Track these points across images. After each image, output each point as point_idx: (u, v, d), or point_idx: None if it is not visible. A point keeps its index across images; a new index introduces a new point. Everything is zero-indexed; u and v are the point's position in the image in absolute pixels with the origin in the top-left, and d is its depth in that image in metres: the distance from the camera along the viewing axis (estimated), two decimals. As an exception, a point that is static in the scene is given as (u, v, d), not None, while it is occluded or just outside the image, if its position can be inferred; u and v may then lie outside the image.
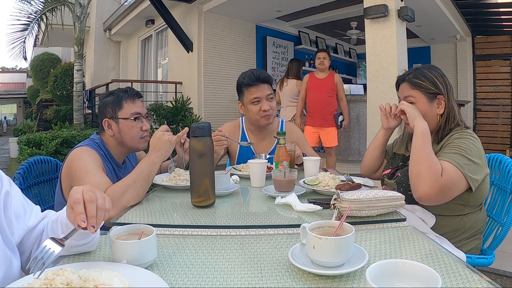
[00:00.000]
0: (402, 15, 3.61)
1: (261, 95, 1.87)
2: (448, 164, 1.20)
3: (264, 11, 6.27)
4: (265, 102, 1.87)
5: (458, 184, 1.20)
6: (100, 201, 0.75)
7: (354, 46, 9.35)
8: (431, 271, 0.57)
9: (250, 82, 1.88)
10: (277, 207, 1.19)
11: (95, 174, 1.29)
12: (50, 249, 0.71)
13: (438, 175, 1.16)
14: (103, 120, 1.50)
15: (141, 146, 1.56)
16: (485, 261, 1.32)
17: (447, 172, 1.18)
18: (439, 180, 1.16)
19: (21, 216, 0.85)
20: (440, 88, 1.35)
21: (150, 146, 1.33)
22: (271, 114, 1.89)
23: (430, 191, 1.16)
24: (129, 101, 1.51)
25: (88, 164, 1.33)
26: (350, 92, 5.25)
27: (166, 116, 5.64)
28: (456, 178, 1.18)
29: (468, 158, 1.21)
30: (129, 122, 1.49)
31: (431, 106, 1.36)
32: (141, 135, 1.53)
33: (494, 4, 5.58)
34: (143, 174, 1.28)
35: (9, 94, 23.40)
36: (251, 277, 0.73)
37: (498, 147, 6.39)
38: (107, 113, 1.50)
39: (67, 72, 8.95)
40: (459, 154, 1.21)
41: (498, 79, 6.84)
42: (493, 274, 2.18)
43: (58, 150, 4.62)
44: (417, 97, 1.37)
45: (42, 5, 7.42)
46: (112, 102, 1.50)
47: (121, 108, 1.50)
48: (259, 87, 1.87)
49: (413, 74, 1.39)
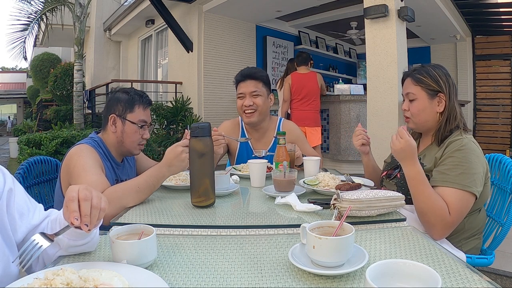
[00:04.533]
0: (402, 15, 3.61)
1: (245, 90, 1.91)
2: (454, 193, 1.18)
3: (264, 11, 6.27)
4: (248, 98, 1.90)
5: (468, 206, 1.20)
6: (95, 200, 0.75)
7: (354, 46, 9.35)
8: (431, 271, 0.57)
9: (238, 78, 1.95)
10: (277, 207, 1.19)
11: (93, 173, 1.29)
12: (38, 243, 0.71)
13: (445, 217, 1.15)
14: (110, 115, 1.49)
15: (136, 151, 1.57)
16: (485, 261, 1.32)
17: (454, 207, 1.16)
18: (448, 220, 1.15)
19: (24, 214, 0.85)
20: (442, 86, 1.35)
21: (166, 158, 1.28)
22: (253, 110, 1.90)
23: (444, 232, 1.17)
24: (141, 107, 1.52)
25: (87, 162, 1.33)
26: (350, 92, 5.26)
27: (166, 116, 5.63)
28: (463, 204, 1.18)
29: (472, 173, 1.20)
30: (135, 127, 1.50)
31: (431, 103, 1.36)
32: (139, 141, 1.54)
33: (494, 4, 5.58)
34: (148, 182, 1.25)
35: (9, 94, 23.41)
36: (251, 277, 0.73)
37: (498, 147, 6.38)
38: (117, 110, 1.50)
39: (67, 72, 8.95)
40: (463, 173, 1.19)
41: (498, 79, 6.84)
42: (493, 274, 2.18)
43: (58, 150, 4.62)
44: (418, 94, 1.37)
45: (42, 5, 7.42)
46: (124, 101, 1.50)
47: (132, 111, 1.50)
48: (245, 83, 1.92)
49: (417, 71, 1.40)
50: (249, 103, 1.89)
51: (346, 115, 5.05)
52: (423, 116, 1.37)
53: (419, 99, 1.37)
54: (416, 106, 1.38)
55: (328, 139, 5.30)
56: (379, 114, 3.70)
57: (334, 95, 5.36)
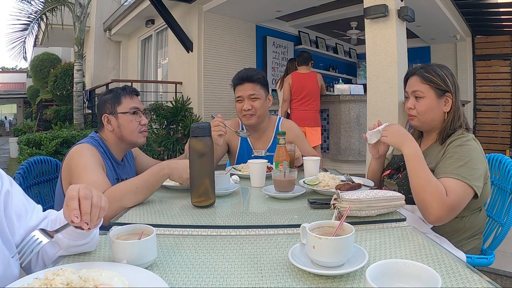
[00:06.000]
0: (402, 15, 3.61)
1: (243, 94, 1.90)
2: (453, 181, 1.18)
3: (264, 11, 6.27)
4: (246, 102, 1.89)
5: (466, 197, 1.20)
6: (96, 199, 0.75)
7: (354, 46, 9.35)
8: (431, 271, 0.57)
9: (235, 82, 1.94)
10: (277, 207, 1.19)
11: (93, 173, 1.29)
12: (37, 239, 0.71)
13: (442, 196, 1.15)
14: (102, 116, 1.53)
15: (140, 140, 1.58)
16: (485, 261, 1.32)
17: (452, 190, 1.16)
18: (446, 201, 1.15)
19: (22, 215, 0.85)
20: (449, 86, 1.35)
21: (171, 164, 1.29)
22: (251, 114, 1.90)
23: (440, 213, 1.15)
24: (128, 97, 1.56)
25: (88, 162, 1.33)
26: (350, 92, 5.26)
27: (166, 116, 5.63)
28: (463, 193, 1.18)
29: (472, 167, 1.20)
30: (128, 116, 1.53)
31: (438, 103, 1.36)
32: (139, 129, 1.56)
33: (494, 4, 5.58)
34: (147, 183, 1.25)
35: (9, 94, 23.40)
36: (251, 277, 0.73)
37: (498, 147, 6.38)
38: (106, 109, 1.54)
39: (67, 72, 8.96)
40: (463, 166, 1.20)
41: (498, 79, 6.84)
42: (493, 274, 2.18)
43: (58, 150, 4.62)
44: (426, 92, 1.36)
45: (42, 5, 7.42)
46: (111, 99, 1.55)
47: (120, 104, 1.54)
48: (243, 86, 1.91)
49: (425, 69, 1.39)
50: (247, 107, 1.88)
51: (346, 115, 5.05)
52: (430, 115, 1.37)
53: (427, 98, 1.36)
54: (424, 105, 1.37)
55: (328, 139, 5.30)
56: (379, 114, 3.70)
57: (334, 95, 5.36)
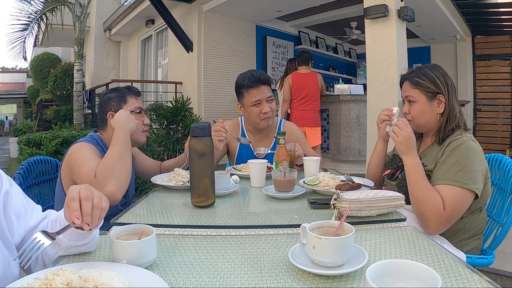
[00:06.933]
0: (402, 15, 3.61)
1: (262, 97, 1.85)
2: (450, 189, 1.18)
3: (264, 11, 6.27)
4: (265, 104, 1.86)
5: (465, 202, 1.20)
6: (96, 200, 0.75)
7: (354, 46, 9.35)
8: (431, 271, 0.57)
9: (250, 84, 1.85)
10: (277, 207, 1.19)
11: (93, 162, 1.32)
12: (40, 241, 0.71)
13: (439, 211, 1.16)
14: (107, 114, 1.54)
15: (142, 140, 1.62)
16: (485, 261, 1.32)
17: (449, 201, 1.17)
18: (443, 215, 1.16)
19: (21, 216, 0.85)
20: (440, 87, 1.35)
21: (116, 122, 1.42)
22: (270, 116, 1.89)
23: (437, 227, 1.18)
24: (133, 97, 1.60)
25: (87, 154, 1.37)
26: (350, 92, 5.26)
27: (166, 116, 5.63)
28: (461, 200, 1.18)
29: (470, 171, 1.20)
30: (134, 115, 1.54)
31: (430, 105, 1.36)
32: (143, 128, 1.61)
33: (494, 4, 5.58)
34: (123, 144, 1.35)
35: (9, 94, 23.39)
36: (251, 277, 0.73)
37: (498, 147, 6.38)
38: (112, 106, 1.55)
39: (67, 72, 8.95)
40: (460, 171, 1.20)
41: (498, 79, 6.83)
42: (493, 274, 2.18)
43: (58, 150, 4.61)
44: (417, 97, 1.38)
45: (42, 5, 7.41)
46: (116, 97, 1.57)
47: (126, 102, 1.57)
48: (260, 89, 1.85)
49: (415, 73, 1.40)
50: (268, 109, 1.85)
51: (346, 115, 5.05)
52: (424, 118, 1.37)
53: (418, 102, 1.37)
54: (416, 109, 1.38)
55: (328, 139, 5.30)
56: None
57: (334, 95, 5.36)
